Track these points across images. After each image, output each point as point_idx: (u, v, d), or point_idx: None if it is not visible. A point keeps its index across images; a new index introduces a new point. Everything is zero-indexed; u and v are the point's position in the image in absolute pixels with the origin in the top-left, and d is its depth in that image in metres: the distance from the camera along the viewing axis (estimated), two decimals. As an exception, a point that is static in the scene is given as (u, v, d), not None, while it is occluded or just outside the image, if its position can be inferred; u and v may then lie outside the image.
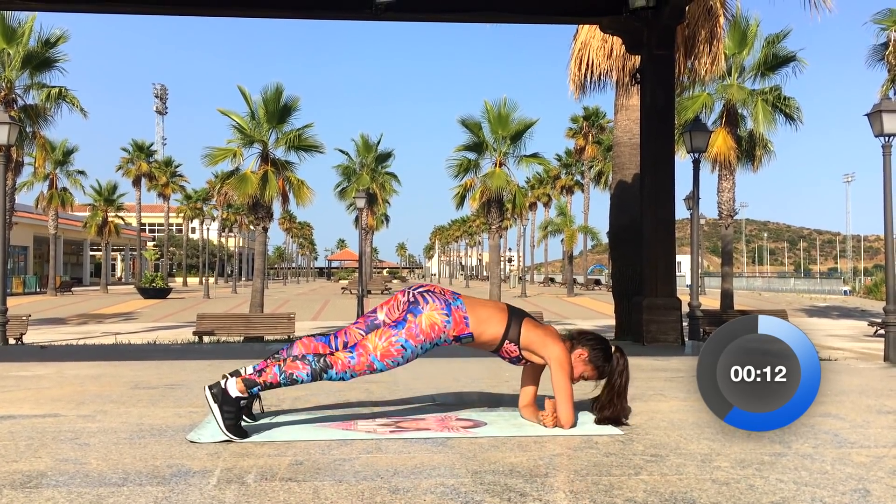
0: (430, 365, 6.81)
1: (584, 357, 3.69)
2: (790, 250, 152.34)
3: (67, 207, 45.92)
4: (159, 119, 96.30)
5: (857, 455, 3.19)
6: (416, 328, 3.44)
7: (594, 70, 13.25)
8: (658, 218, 9.83)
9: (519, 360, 3.71)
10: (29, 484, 2.68)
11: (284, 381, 3.36)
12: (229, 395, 3.32)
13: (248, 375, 3.40)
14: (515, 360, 3.70)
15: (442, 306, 3.51)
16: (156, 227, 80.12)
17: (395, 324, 3.47)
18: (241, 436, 3.34)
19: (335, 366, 3.38)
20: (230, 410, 3.32)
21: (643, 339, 9.53)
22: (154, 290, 41.39)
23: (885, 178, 9.73)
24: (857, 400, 4.75)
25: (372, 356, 3.40)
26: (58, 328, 23.11)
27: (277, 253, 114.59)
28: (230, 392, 3.33)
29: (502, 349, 3.64)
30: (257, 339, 15.43)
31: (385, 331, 3.46)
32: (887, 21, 21.64)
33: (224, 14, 11.43)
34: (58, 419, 3.95)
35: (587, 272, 66.21)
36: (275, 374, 3.35)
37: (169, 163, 61.60)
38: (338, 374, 3.39)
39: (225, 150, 23.68)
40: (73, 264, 62.60)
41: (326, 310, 33.39)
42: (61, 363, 7.01)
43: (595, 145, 47.93)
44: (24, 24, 23.73)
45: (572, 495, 2.57)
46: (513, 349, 3.63)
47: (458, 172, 30.89)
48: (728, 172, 24.21)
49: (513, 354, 3.66)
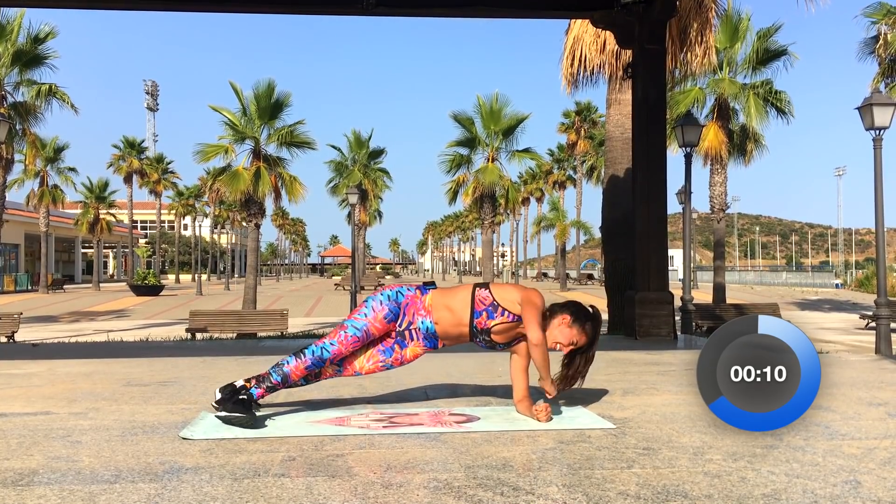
0: (422, 360, 6.80)
1: (568, 320, 3.71)
2: (782, 244, 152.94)
3: (59, 205, 45.68)
4: (150, 116, 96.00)
5: (849, 447, 3.20)
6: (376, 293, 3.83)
7: (587, 65, 13.25)
8: (650, 212, 9.83)
9: (494, 310, 3.68)
10: (21, 482, 2.67)
11: (273, 370, 3.66)
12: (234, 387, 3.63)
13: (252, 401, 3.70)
14: (491, 311, 3.68)
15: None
16: (148, 224, 79.84)
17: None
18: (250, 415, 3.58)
19: (314, 343, 3.69)
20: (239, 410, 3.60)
21: (636, 333, 9.54)
22: (146, 287, 41.25)
23: (876, 171, 9.77)
24: (848, 392, 4.77)
25: (344, 320, 3.74)
26: (50, 326, 23.02)
27: (270, 249, 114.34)
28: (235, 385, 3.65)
29: (475, 300, 3.69)
30: (250, 335, 15.40)
31: None
32: (878, 15, 21.74)
33: (215, 10, 11.39)
34: (49, 417, 3.93)
35: (580, 267, 66.35)
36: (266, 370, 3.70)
37: (160, 159, 61.39)
38: (317, 346, 3.66)
39: (216, 147, 23.61)
40: (64, 262, 62.28)
41: (320, 306, 33.35)
42: (53, 361, 6.97)
43: (587, 140, 48.00)
44: (12, 20, 23.60)
45: (565, 489, 2.58)
46: (485, 296, 3.70)
47: (450, 168, 30.88)
48: (720, 167, 24.27)
49: (486, 302, 3.69)
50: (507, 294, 3.71)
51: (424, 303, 3.73)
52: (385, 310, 3.68)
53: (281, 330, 15.78)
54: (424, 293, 3.75)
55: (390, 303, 3.69)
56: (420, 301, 3.73)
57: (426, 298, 3.74)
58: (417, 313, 3.72)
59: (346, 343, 3.63)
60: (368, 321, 3.66)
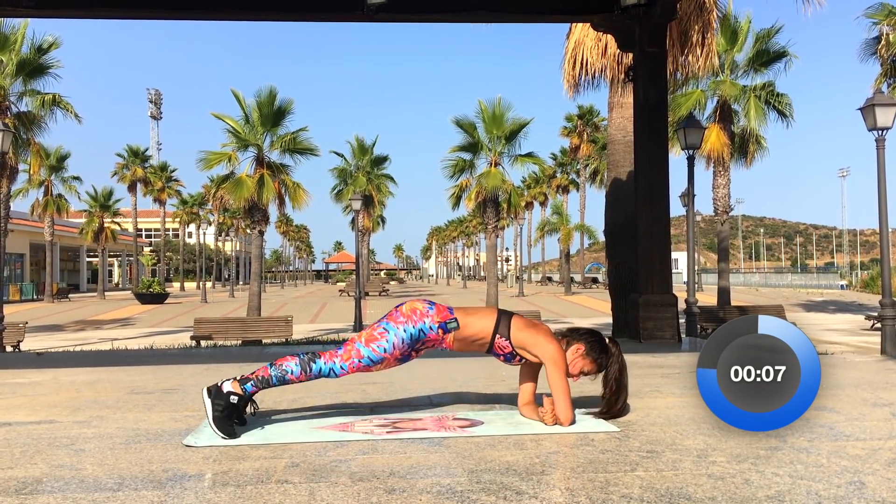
0: (426, 366, 6.81)
1: (582, 351, 3.71)
2: (786, 246, 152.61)
3: (63, 214, 45.78)
4: (154, 124, 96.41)
5: (853, 448, 3.19)
6: (398, 314, 3.63)
7: (588, 69, 13.27)
8: (653, 215, 9.83)
9: (513, 358, 3.70)
10: (24, 490, 2.67)
11: (275, 374, 3.54)
12: (221, 390, 3.51)
13: (241, 376, 3.57)
14: (509, 356, 3.69)
15: (426, 300, 3.72)
16: (152, 232, 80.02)
17: (380, 319, 3.69)
18: (228, 433, 3.42)
19: (322, 356, 3.56)
20: (219, 404, 3.47)
21: (640, 336, 9.53)
22: (151, 295, 41.35)
23: (880, 171, 9.76)
24: (853, 393, 4.75)
25: (357, 343, 3.58)
26: (55, 335, 23.07)
27: (274, 256, 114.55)
28: (223, 388, 3.51)
29: (494, 345, 3.66)
30: (255, 342, 15.42)
31: (371, 325, 3.69)
32: (879, 15, 21.71)
33: (217, 18, 11.41)
34: (53, 425, 3.94)
35: (584, 270, 66.30)
36: (265, 369, 3.56)
37: (164, 168, 61.59)
38: (326, 364, 3.54)
39: (220, 154, 23.67)
40: (69, 271, 62.44)
41: (324, 312, 33.37)
42: (57, 370, 6.98)
43: (590, 144, 48.02)
44: (16, 30, 23.69)
45: (568, 493, 2.57)
46: (504, 344, 3.65)
47: (453, 173, 30.89)
48: (722, 169, 24.25)
49: (505, 350, 3.67)
50: (528, 344, 3.63)
51: (446, 340, 3.63)
52: (405, 347, 3.57)
53: (286, 337, 15.81)
54: (447, 332, 3.62)
55: (412, 341, 3.58)
56: (441, 339, 3.63)
57: (448, 338, 3.63)
58: (436, 345, 3.67)
59: (356, 369, 3.57)
60: (385, 356, 3.56)
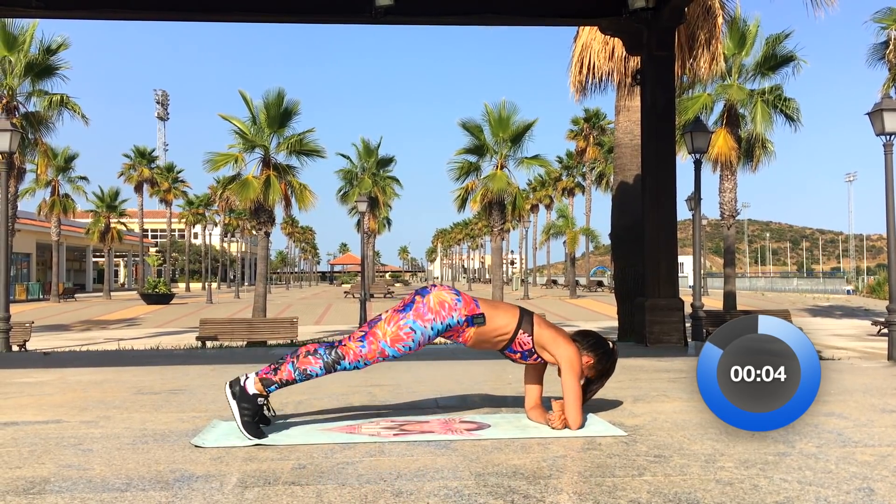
0: (433, 368, 6.81)
1: (591, 364, 3.74)
2: (793, 250, 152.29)
3: (70, 214, 45.98)
4: (161, 125, 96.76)
5: (862, 454, 3.17)
6: (424, 307, 3.45)
7: (595, 72, 13.26)
8: (660, 219, 9.81)
9: (529, 356, 3.65)
10: (32, 490, 2.68)
11: (299, 377, 3.42)
12: (247, 392, 3.38)
13: (263, 374, 3.42)
14: (526, 354, 3.64)
15: (451, 289, 3.58)
16: (158, 232, 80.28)
17: (403, 307, 3.49)
18: (258, 435, 3.36)
19: (346, 356, 3.41)
20: (247, 408, 3.37)
21: (646, 340, 9.51)
22: (157, 295, 41.45)
23: (887, 176, 9.71)
24: (861, 399, 4.73)
25: (382, 343, 3.42)
26: (61, 335, 23.13)
27: (280, 257, 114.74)
28: (248, 390, 3.39)
29: (515, 341, 3.60)
30: (260, 343, 15.44)
31: (393, 316, 3.47)
32: (887, 20, 21.65)
33: (224, 19, 11.43)
34: (61, 425, 3.95)
35: (590, 274, 66.25)
36: (289, 371, 3.40)
37: (171, 168, 61.75)
38: (351, 364, 3.42)
39: (226, 156, 23.73)
40: (75, 271, 62.65)
41: (329, 314, 33.40)
42: (64, 369, 7.01)
43: (596, 147, 48.03)
44: (24, 31, 23.81)
45: (576, 497, 2.56)
46: (526, 341, 3.60)
47: (459, 175, 30.94)
48: (729, 173, 24.19)
49: (525, 347, 3.61)
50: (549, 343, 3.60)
51: (466, 334, 3.56)
52: (426, 342, 3.50)
53: (291, 338, 15.82)
54: (471, 326, 3.54)
55: (435, 335, 3.51)
56: (462, 332, 3.56)
57: (470, 331, 3.55)
58: (454, 338, 3.60)
59: (379, 361, 3.50)
60: (408, 353, 3.50)
